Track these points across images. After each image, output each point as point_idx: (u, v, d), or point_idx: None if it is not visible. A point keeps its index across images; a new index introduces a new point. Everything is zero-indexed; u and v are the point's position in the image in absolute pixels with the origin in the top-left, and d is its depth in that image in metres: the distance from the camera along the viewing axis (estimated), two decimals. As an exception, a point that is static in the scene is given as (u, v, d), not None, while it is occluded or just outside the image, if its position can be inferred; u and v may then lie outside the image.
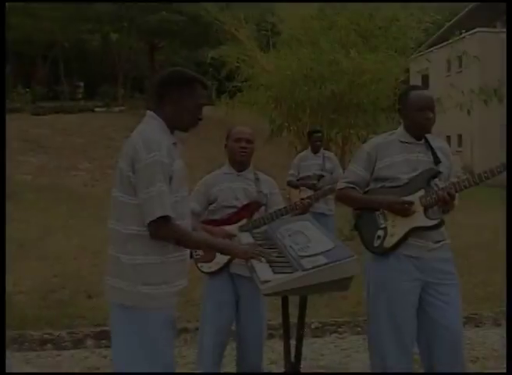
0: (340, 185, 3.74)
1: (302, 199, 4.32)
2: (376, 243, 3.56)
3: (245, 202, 4.00)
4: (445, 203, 3.46)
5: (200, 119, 2.99)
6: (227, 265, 3.93)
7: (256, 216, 4.01)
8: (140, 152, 2.72)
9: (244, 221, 3.98)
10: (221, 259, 3.92)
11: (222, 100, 17.53)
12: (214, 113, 16.65)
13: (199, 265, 4.02)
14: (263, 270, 2.81)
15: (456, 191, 3.48)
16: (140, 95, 39.44)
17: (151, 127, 2.84)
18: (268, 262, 2.92)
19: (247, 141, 4.04)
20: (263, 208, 4.07)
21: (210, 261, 3.96)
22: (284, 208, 4.04)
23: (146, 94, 35.63)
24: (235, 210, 3.98)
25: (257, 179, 4.11)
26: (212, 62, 19.43)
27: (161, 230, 2.71)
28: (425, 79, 28.37)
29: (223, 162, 4.21)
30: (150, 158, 2.70)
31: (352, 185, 3.68)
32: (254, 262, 2.95)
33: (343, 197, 3.74)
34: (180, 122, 2.93)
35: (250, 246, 3.10)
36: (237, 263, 3.78)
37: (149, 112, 2.93)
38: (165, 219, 2.69)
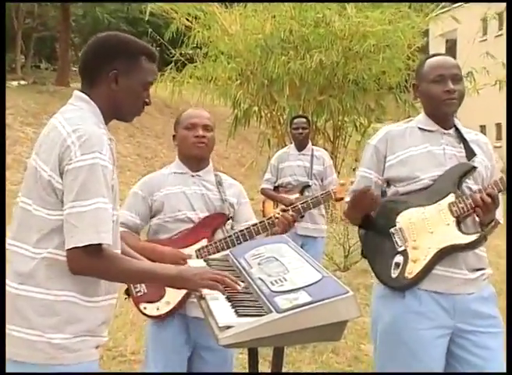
0: (348, 196, 3.70)
1: (284, 211, 4.08)
2: (394, 273, 3.52)
3: (204, 215, 3.95)
4: (486, 210, 3.39)
5: (147, 104, 3.00)
6: (181, 305, 3.86)
7: (220, 234, 3.98)
8: (72, 149, 2.67)
9: (204, 242, 3.92)
10: (172, 297, 3.85)
11: (167, 74, 17.36)
12: (154, 93, 16.46)
13: (141, 306, 3.93)
14: (222, 312, 2.81)
15: (500, 191, 3.44)
16: (48, 65, 39.11)
17: (82, 115, 2.81)
18: (230, 300, 2.92)
19: (205, 127, 3.99)
20: (229, 223, 4.02)
21: (157, 300, 3.89)
22: (260, 223, 3.97)
23: (58, 63, 35.31)
24: (190, 226, 3.93)
25: (219, 182, 4.07)
26: (152, 19, 19.35)
27: (89, 261, 2.62)
28: (452, 45, 28.68)
29: (170, 162, 4.18)
30: (88, 159, 2.65)
31: None
32: (209, 299, 2.95)
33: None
34: (122, 108, 2.92)
35: (204, 271, 2.96)
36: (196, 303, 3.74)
37: (78, 93, 2.91)
38: (96, 247, 2.61)
